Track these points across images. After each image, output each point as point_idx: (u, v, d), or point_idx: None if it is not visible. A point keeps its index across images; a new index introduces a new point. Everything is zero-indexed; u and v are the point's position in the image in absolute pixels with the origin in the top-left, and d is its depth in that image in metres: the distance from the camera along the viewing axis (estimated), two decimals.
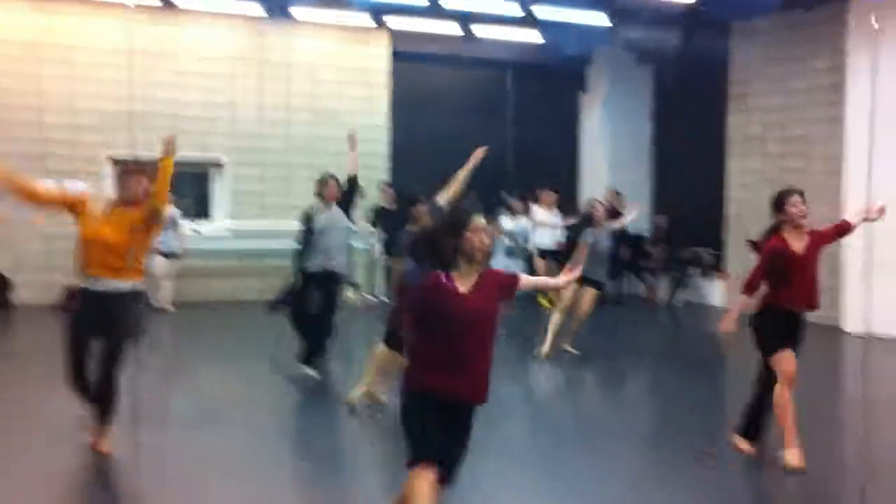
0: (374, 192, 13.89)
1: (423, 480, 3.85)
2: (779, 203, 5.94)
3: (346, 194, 8.47)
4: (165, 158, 5.70)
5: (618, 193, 14.40)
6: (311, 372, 8.20)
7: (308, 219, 8.31)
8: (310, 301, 8.15)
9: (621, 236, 13.59)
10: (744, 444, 6.02)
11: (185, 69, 13.49)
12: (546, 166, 15.37)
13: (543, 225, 13.35)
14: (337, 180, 8.52)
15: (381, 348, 7.01)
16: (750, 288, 5.96)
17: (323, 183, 8.46)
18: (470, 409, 4.06)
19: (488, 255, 4.05)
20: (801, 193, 5.96)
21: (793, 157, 12.49)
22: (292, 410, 7.51)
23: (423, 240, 4.41)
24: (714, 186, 13.73)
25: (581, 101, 16.38)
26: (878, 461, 6.03)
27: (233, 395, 7.89)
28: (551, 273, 13.65)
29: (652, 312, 13.79)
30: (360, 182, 9.38)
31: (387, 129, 14.63)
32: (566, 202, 15.44)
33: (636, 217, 11.13)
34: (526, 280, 4.34)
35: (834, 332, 11.09)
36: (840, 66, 11.66)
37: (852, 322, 11.23)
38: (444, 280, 3.97)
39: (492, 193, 14.53)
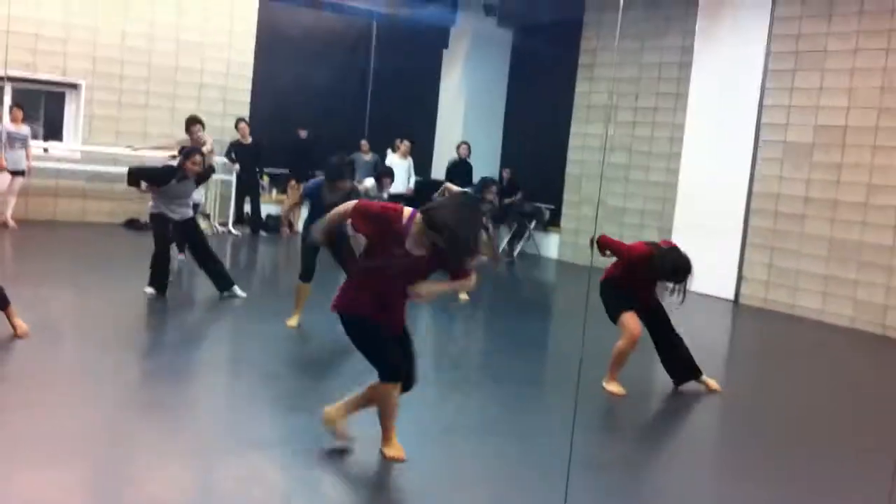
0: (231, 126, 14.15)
1: (395, 390, 4.57)
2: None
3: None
4: None
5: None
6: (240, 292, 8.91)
7: None
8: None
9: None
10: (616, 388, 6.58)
11: None
12: (404, 117, 15.91)
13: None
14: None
15: (301, 284, 7.74)
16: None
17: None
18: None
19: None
20: None
21: (641, 125, 13.41)
22: (135, 327, 7.81)
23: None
24: (557, 148, 14.59)
25: (443, 57, 16.95)
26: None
27: (72, 310, 8.15)
28: None
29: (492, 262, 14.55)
30: (220, 116, 9.65)
31: (250, 66, 14.79)
32: (423, 153, 16.13)
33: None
34: None
35: None
36: (689, 46, 12.58)
37: None
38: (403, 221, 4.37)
39: (352, 139, 15.03)
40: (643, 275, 6.52)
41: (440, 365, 7.29)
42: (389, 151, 14.72)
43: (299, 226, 14.94)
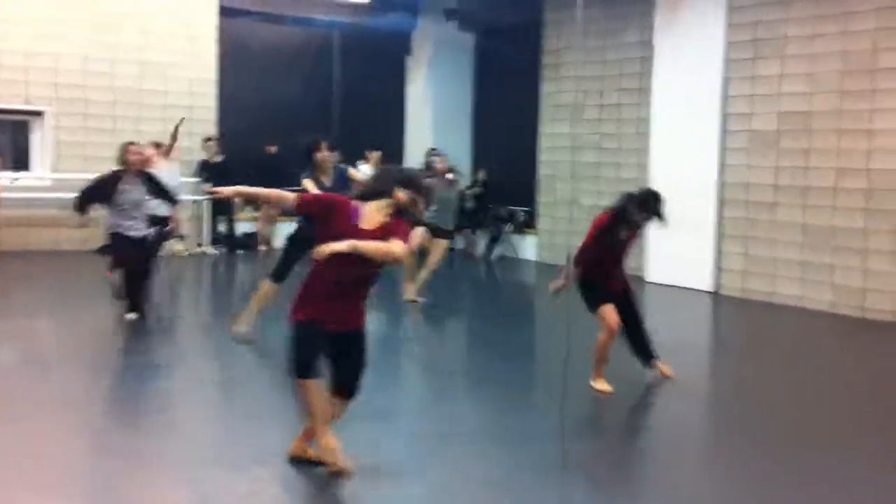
0: (199, 145, 14.10)
1: (306, 387, 4.49)
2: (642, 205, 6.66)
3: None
4: None
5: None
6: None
7: None
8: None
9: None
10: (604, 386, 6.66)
11: (4, 15, 13.15)
12: (373, 126, 15.91)
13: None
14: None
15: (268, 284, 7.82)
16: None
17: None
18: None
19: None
20: None
21: (608, 122, 13.51)
22: (118, 351, 7.78)
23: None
24: (528, 150, 14.67)
25: (407, 64, 16.98)
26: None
27: (54, 340, 8.11)
28: None
29: (472, 266, 14.63)
30: (188, 135, 9.61)
31: (213, 83, 14.74)
32: (393, 161, 16.10)
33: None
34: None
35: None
36: (648, 41, 12.70)
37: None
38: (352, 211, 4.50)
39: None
40: (611, 245, 6.62)
41: (428, 371, 7.32)
42: (359, 163, 14.69)
43: (275, 242, 15.00)
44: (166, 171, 10.51)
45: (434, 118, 16.46)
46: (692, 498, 4.73)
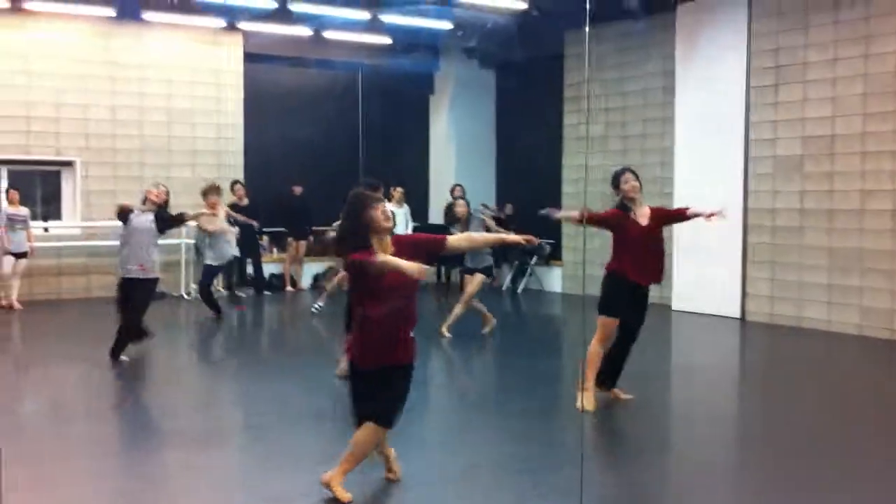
0: (228, 190, 14.26)
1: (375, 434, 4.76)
2: (615, 181, 6.73)
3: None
4: None
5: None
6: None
7: None
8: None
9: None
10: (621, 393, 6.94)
11: (33, 70, 13.46)
12: (397, 164, 16.03)
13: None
14: None
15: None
16: (590, 219, 6.85)
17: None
18: (405, 367, 4.79)
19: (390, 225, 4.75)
20: (633, 171, 6.77)
21: (632, 153, 13.53)
22: (146, 397, 7.84)
23: (339, 232, 4.93)
24: (551, 182, 14.70)
25: (430, 103, 17.14)
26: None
27: (83, 386, 8.19)
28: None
29: (499, 298, 14.62)
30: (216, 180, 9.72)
31: (240, 128, 14.94)
32: (418, 198, 16.22)
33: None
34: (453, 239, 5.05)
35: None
36: (670, 71, 12.74)
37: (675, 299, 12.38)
38: (368, 256, 4.51)
39: (344, 191, 15.07)
40: (628, 234, 6.65)
41: (452, 403, 7.31)
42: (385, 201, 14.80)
43: (303, 282, 15.12)
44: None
45: (457, 154, 16.59)
46: None
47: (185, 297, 13.78)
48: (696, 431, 6.55)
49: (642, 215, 6.72)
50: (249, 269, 14.56)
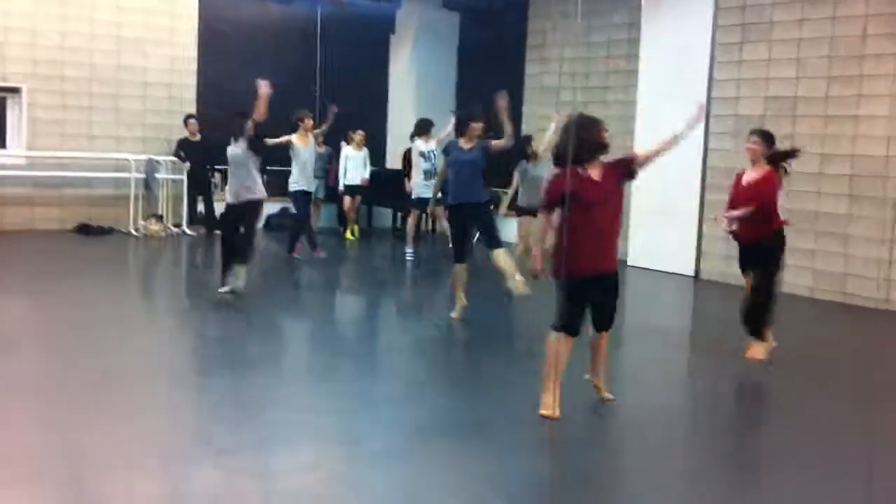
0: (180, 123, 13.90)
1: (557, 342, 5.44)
2: None
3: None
4: None
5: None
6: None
7: None
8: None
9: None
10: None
11: None
12: (355, 106, 15.69)
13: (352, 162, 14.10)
14: None
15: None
16: None
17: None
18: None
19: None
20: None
21: (593, 105, 13.39)
22: (93, 332, 7.64)
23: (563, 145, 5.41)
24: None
25: (390, 43, 16.78)
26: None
27: (30, 320, 7.96)
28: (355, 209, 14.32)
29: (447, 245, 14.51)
30: (167, 113, 9.48)
31: (193, 61, 14.52)
32: (375, 142, 15.95)
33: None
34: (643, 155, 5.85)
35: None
36: (636, 23, 12.58)
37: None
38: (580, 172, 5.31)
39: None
40: None
41: (414, 363, 7.21)
42: (344, 143, 14.51)
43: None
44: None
45: (417, 98, 16.27)
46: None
47: (134, 233, 13.46)
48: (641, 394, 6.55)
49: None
50: (200, 207, 14.23)
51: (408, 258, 12.12)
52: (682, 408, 6.33)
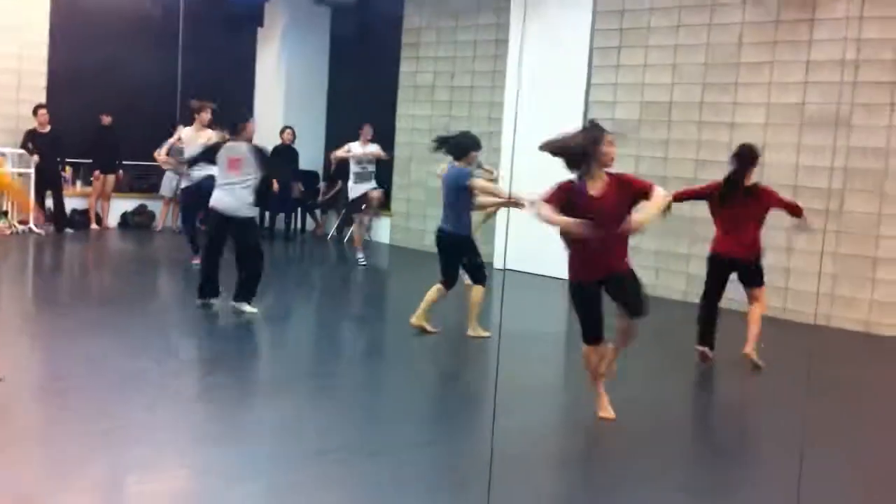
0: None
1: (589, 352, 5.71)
2: None
3: None
4: None
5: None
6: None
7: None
8: None
9: (295, 173, 13.98)
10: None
11: None
12: (219, 101, 14.95)
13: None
14: None
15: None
16: None
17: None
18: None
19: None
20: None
21: (458, 105, 13.19)
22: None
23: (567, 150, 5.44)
24: (385, 130, 14.12)
25: (258, 36, 16.10)
26: None
27: None
28: None
29: (321, 246, 14.07)
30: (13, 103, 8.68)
31: (44, 46, 13.53)
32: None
33: None
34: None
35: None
36: (504, 24, 12.42)
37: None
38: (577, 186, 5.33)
39: (161, 125, 13.94)
40: None
41: (292, 375, 6.70)
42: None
43: (109, 220, 13.93)
44: None
45: (286, 95, 15.68)
46: None
47: None
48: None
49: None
50: (49, 203, 13.23)
51: (360, 263, 11.90)
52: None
